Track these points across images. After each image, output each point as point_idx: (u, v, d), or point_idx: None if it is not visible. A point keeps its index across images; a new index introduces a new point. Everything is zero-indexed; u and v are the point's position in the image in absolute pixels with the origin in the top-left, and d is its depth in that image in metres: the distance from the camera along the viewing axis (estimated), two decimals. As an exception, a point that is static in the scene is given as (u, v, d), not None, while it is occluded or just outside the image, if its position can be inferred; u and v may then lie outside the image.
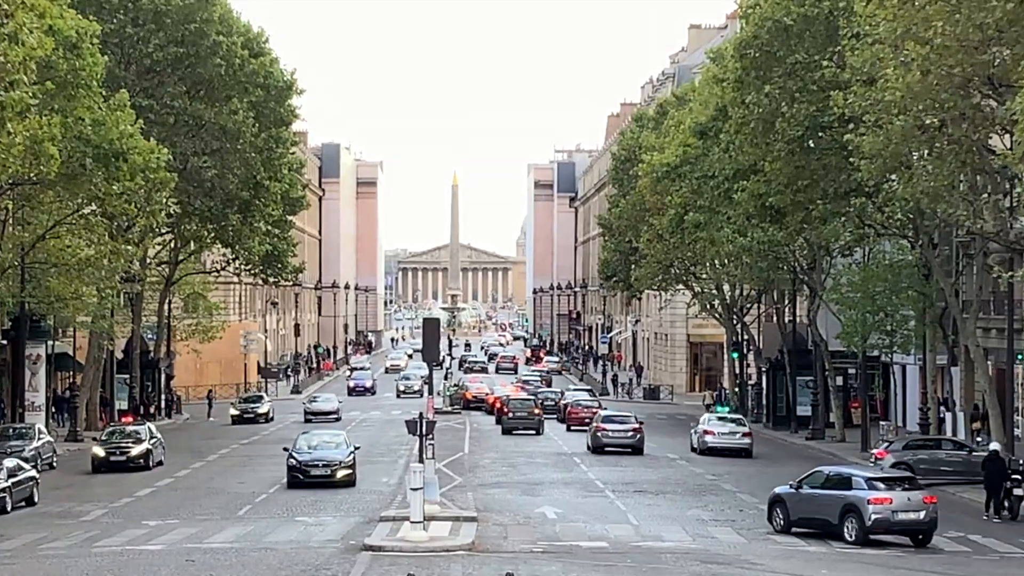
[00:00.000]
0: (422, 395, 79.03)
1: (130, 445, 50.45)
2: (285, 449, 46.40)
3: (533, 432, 66.64)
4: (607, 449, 57.46)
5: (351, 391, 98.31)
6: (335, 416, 73.62)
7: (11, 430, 51.46)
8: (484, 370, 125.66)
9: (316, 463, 44.51)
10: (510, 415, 67.89)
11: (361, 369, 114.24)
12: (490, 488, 44.51)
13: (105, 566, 29.33)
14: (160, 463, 51.23)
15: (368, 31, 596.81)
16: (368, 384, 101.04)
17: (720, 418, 62.15)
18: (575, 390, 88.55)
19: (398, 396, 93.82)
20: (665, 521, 37.38)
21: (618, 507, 40.10)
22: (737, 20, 72.78)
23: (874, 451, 50.96)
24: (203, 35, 64.78)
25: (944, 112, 41.33)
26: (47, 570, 29.11)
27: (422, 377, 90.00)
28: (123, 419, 64.14)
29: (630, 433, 57.62)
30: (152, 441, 51.42)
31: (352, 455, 45.30)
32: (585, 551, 31.79)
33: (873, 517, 33.38)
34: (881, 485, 34.20)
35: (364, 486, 44.38)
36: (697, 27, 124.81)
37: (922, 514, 33.64)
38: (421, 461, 34.54)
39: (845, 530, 34.05)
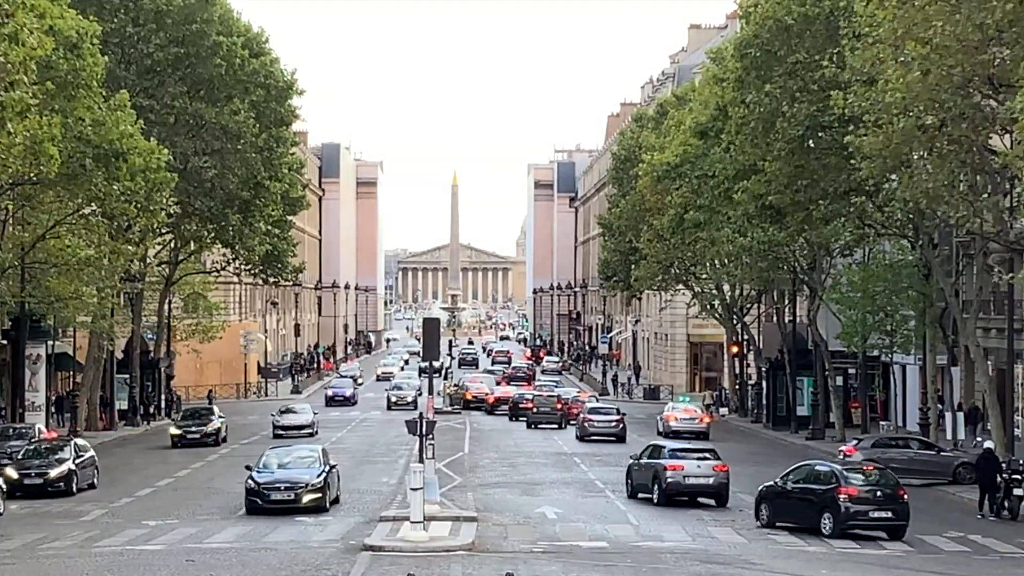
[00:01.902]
0: (416, 407, 72.53)
1: (48, 466, 42.64)
2: (248, 468, 39.67)
3: (556, 426, 70.79)
4: (594, 438, 62.25)
5: (329, 401, 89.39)
6: (309, 431, 63.06)
7: (11, 430, 51.34)
8: (475, 362, 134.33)
9: (277, 485, 37.80)
10: (535, 410, 72.39)
11: (341, 377, 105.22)
12: (490, 488, 44.51)
13: (105, 566, 29.32)
14: (91, 486, 43.69)
15: (368, 31, 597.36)
16: (348, 393, 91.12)
17: (682, 406, 70.18)
18: (545, 381, 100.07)
19: (389, 408, 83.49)
20: (665, 521, 37.36)
21: (618, 507, 40.10)
22: (737, 20, 72.78)
23: (843, 448, 51.47)
24: (203, 35, 64.84)
25: (944, 112, 41.34)
26: (47, 570, 29.10)
27: (417, 388, 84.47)
28: (45, 434, 51.28)
29: (613, 423, 63.14)
30: (78, 461, 43.33)
31: (324, 475, 38.46)
32: (585, 551, 31.78)
33: (668, 480, 39.90)
34: (680, 455, 40.81)
35: (364, 486, 44.35)
36: (697, 27, 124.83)
37: (711, 479, 40.05)
38: (421, 461, 34.53)
39: (654, 493, 40.48)
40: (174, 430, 60.63)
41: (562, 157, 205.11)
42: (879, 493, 34.67)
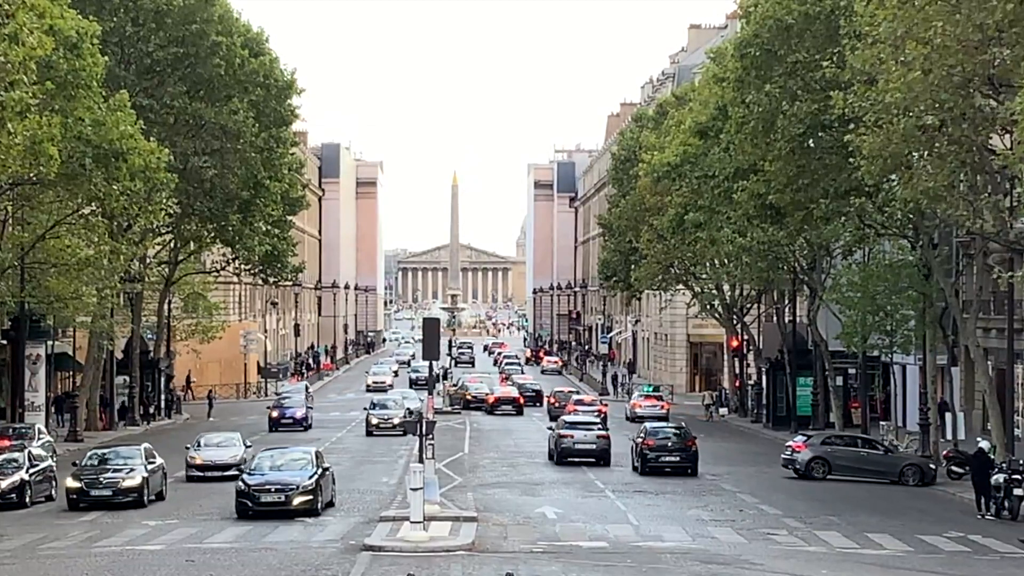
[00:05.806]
0: (405, 432, 59.19)
1: None
2: (239, 470, 39.45)
3: None
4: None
5: (274, 424, 69.12)
6: (237, 469, 43.93)
7: (11, 430, 51.34)
8: (471, 347, 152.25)
9: (268, 487, 37.00)
10: (557, 404, 78.53)
11: (287, 396, 77.84)
12: (490, 488, 44.51)
13: (105, 566, 29.32)
14: (48, 498, 40.54)
15: (368, 31, 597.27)
16: (299, 415, 70.33)
17: (646, 396, 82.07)
18: (508, 362, 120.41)
19: (369, 433, 66.07)
20: (665, 521, 37.39)
21: (618, 507, 40.11)
22: (737, 20, 72.75)
23: (790, 443, 52.01)
24: (203, 35, 64.84)
25: (944, 112, 41.28)
26: (47, 570, 29.10)
27: (407, 407, 68.91)
28: None
29: (594, 413, 68.75)
30: (32, 472, 39.91)
31: (316, 477, 37.57)
32: (585, 551, 31.78)
33: (562, 446, 52.03)
34: (572, 427, 53.22)
35: (364, 486, 44.35)
36: (697, 27, 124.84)
37: (594, 445, 52.09)
38: (421, 461, 34.52)
39: (555, 454, 52.38)
40: (71, 482, 39.68)
41: (562, 157, 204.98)
42: (671, 443, 49.71)
